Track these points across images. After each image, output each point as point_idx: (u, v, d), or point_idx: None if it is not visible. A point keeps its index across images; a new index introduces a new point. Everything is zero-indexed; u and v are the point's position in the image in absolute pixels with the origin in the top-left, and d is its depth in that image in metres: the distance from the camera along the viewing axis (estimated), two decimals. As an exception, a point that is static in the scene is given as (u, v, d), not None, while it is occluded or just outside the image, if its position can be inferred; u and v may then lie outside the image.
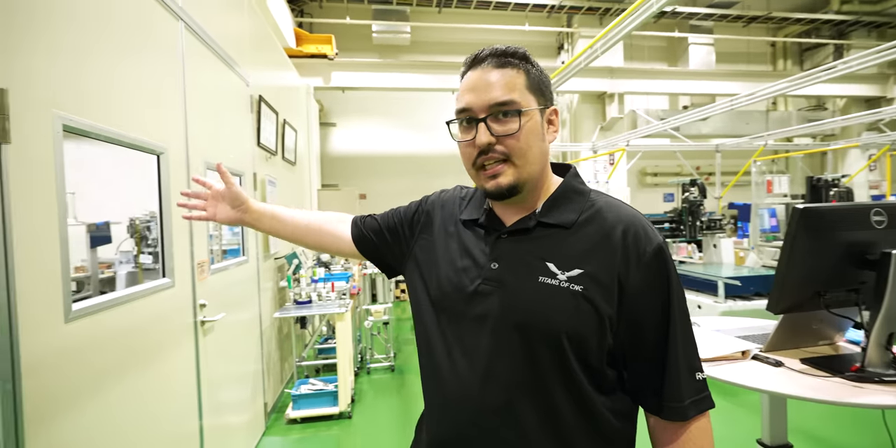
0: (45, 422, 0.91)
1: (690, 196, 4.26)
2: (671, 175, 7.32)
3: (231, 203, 0.83)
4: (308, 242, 0.86)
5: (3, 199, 0.85)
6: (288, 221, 0.85)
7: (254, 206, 0.84)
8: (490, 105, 0.60)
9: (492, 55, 0.62)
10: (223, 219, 0.84)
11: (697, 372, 0.62)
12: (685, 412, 0.60)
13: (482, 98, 0.60)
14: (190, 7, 1.67)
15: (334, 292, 2.94)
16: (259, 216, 0.84)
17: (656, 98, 7.24)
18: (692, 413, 0.60)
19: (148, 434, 1.29)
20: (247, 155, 2.40)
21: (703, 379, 0.62)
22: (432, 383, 0.67)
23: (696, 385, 0.61)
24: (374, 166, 6.77)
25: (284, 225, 0.85)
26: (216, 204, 0.84)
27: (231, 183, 0.83)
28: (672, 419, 0.61)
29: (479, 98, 0.60)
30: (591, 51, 2.80)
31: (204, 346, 1.69)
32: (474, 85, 0.62)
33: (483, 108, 0.61)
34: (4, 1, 0.86)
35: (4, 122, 0.86)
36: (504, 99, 0.60)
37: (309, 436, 2.41)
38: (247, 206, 0.83)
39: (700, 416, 0.61)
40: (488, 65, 0.62)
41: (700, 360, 0.63)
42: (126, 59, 1.27)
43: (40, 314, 0.92)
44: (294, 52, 5.12)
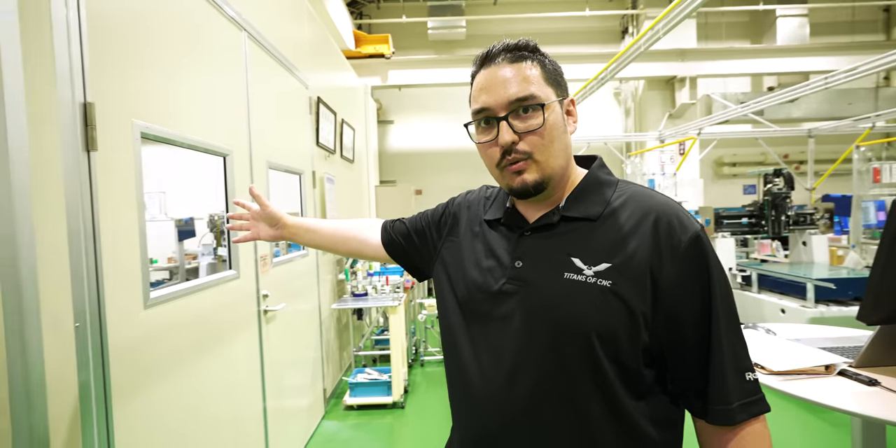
0: (129, 398, 1.03)
1: (774, 187, 3.84)
2: (753, 164, 6.63)
3: (268, 222, 0.92)
4: (341, 250, 0.93)
5: (92, 199, 0.96)
6: (322, 233, 0.91)
7: (289, 222, 0.91)
8: (510, 102, 0.58)
9: (504, 50, 0.60)
10: (265, 237, 0.93)
11: (747, 372, 0.56)
12: (732, 416, 0.55)
13: (500, 95, 0.58)
14: (252, 18, 1.78)
15: (388, 286, 3.03)
16: (296, 230, 0.91)
17: (735, 80, 6.58)
18: (741, 417, 0.55)
19: (217, 412, 1.42)
20: (306, 154, 2.53)
21: (755, 380, 0.57)
22: (459, 385, 0.66)
23: (746, 386, 0.56)
24: (430, 162, 6.86)
25: (320, 236, 0.91)
26: (257, 224, 0.93)
27: (265, 205, 0.90)
28: (718, 423, 0.56)
29: (497, 96, 0.59)
30: (652, 32, 2.58)
31: (267, 334, 1.82)
32: (490, 83, 0.60)
33: (502, 106, 0.59)
34: (93, 25, 0.97)
35: (92, 132, 0.97)
36: (524, 94, 0.58)
37: (364, 422, 2.52)
38: (283, 223, 0.91)
39: (753, 420, 0.56)
40: (502, 61, 0.60)
41: (750, 360, 0.58)
42: (195, 69, 1.39)
43: (123, 302, 1.04)
44: (353, 54, 5.31)
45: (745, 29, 6.71)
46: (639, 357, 0.57)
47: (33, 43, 0.85)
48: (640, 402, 0.58)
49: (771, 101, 4.11)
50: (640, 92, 6.57)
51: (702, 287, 0.56)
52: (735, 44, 6.35)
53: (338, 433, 2.41)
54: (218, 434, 1.42)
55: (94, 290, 0.95)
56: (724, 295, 0.57)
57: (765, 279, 3.58)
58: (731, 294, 0.58)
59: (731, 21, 6.59)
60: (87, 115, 0.96)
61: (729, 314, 0.57)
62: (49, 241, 0.86)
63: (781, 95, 3.97)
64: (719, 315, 0.56)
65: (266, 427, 1.78)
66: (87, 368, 0.92)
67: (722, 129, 5.69)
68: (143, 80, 1.14)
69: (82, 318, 0.92)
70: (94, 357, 0.94)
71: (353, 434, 2.40)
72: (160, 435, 1.14)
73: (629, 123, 6.78)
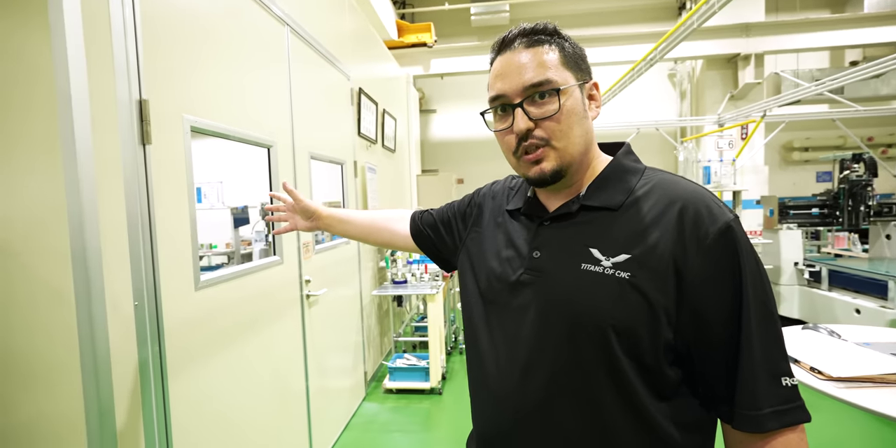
0: (182, 373, 1.13)
1: (852, 174, 3.47)
2: (830, 149, 6.01)
3: (303, 215, 0.97)
4: (372, 241, 0.96)
5: (148, 189, 1.05)
6: (355, 223, 0.95)
7: (324, 214, 0.96)
8: (524, 87, 0.57)
9: (520, 35, 0.59)
10: (302, 228, 0.98)
11: (783, 377, 0.52)
12: (761, 423, 0.51)
13: (515, 81, 0.57)
14: (294, 12, 1.83)
15: (427, 274, 3.07)
16: (330, 222, 0.96)
17: (810, 56, 5.94)
18: (772, 425, 0.51)
19: (262, 389, 1.52)
20: (347, 144, 2.60)
21: (792, 386, 0.52)
22: (477, 377, 0.66)
23: (780, 392, 0.51)
24: (471, 150, 6.81)
25: (353, 227, 0.95)
26: (293, 215, 0.98)
27: (299, 199, 0.96)
28: (744, 429, 0.52)
29: (512, 82, 0.57)
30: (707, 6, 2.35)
31: (309, 317, 1.92)
32: (505, 69, 0.58)
33: (517, 93, 0.57)
34: (146, 26, 1.04)
35: (147, 127, 1.05)
36: (539, 79, 0.56)
37: (402, 406, 2.60)
38: (318, 214, 0.96)
39: (787, 430, 0.51)
40: (518, 46, 0.58)
41: (788, 364, 0.53)
42: (239, 64, 1.45)
43: (176, 284, 1.12)
44: (395, 43, 5.33)
45: (824, -3, 6.02)
46: (660, 354, 0.54)
47: (95, 46, 0.92)
48: (664, 403, 0.55)
49: (853, 76, 3.66)
50: (698, 72, 6.11)
51: (732, 282, 0.52)
52: (812, 14, 5.72)
53: (378, 415, 2.51)
54: (263, 409, 1.53)
55: (150, 272, 1.04)
56: (759, 291, 0.53)
57: (837, 276, 3.27)
58: (767, 291, 0.53)
59: (808, -11, 5.94)
60: (143, 112, 1.04)
61: (763, 313, 0.52)
62: (110, 228, 0.95)
63: (866, 70, 3.53)
64: (751, 313, 0.52)
65: (308, 405, 1.88)
66: (146, 345, 1.02)
67: (792, 110, 5.19)
68: (191, 76, 1.21)
69: (140, 298, 1.01)
70: (150, 334, 1.03)
71: (392, 417, 2.49)
72: (211, 408, 1.24)
73: (684, 107, 6.34)
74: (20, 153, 0.91)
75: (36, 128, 0.90)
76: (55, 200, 0.89)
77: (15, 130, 0.91)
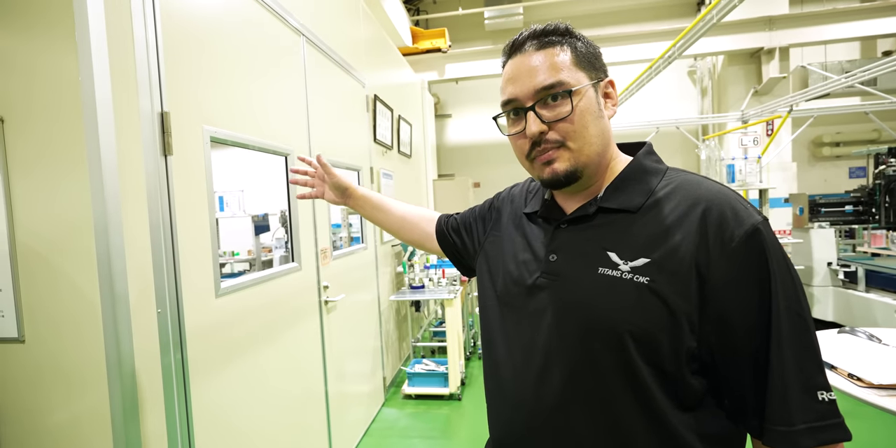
0: (204, 378, 1.15)
1: (889, 169, 3.31)
2: (862, 144, 5.76)
3: (336, 190, 0.94)
4: (402, 236, 0.94)
5: (170, 199, 1.07)
6: (389, 214, 0.93)
7: (358, 192, 0.94)
8: (536, 91, 0.56)
9: (531, 37, 0.58)
10: (329, 199, 0.96)
11: (820, 391, 0.49)
12: (795, 440, 0.48)
13: (526, 85, 0.56)
14: (309, 22, 1.87)
15: (445, 278, 3.06)
16: (363, 203, 0.94)
17: (839, 48, 5.72)
18: (807, 442, 0.48)
19: (281, 394, 1.54)
20: (363, 150, 2.62)
21: (831, 401, 0.49)
22: (493, 381, 0.65)
23: (816, 407, 0.48)
24: (487, 155, 6.79)
25: (386, 217, 0.93)
26: (323, 184, 0.96)
27: (332, 173, 0.93)
28: (777, 447, 0.49)
29: (524, 85, 0.57)
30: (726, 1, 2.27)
31: (328, 323, 1.93)
32: (516, 73, 0.58)
33: (529, 96, 0.57)
34: (167, 40, 1.08)
35: (168, 139, 1.08)
36: (550, 82, 0.55)
37: (422, 412, 2.59)
38: (351, 192, 0.94)
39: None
40: (529, 48, 0.57)
41: (825, 377, 0.50)
42: (257, 75, 1.48)
43: (198, 291, 1.15)
44: (410, 50, 5.38)
45: (852, -13, 5.80)
46: (682, 362, 0.52)
47: (119, 60, 0.95)
48: (687, 414, 0.52)
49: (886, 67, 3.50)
50: (719, 68, 5.95)
51: (759, 288, 0.50)
52: (839, 4, 5.52)
53: (397, 421, 2.50)
54: (284, 415, 1.54)
55: (172, 279, 1.06)
56: (790, 298, 0.50)
57: (875, 276, 3.12)
58: (800, 298, 0.51)
59: (833, -21, 5.73)
60: (164, 123, 1.07)
61: (795, 321, 0.50)
62: (134, 237, 0.97)
63: None
64: (782, 321, 0.49)
65: (328, 410, 1.89)
66: (168, 351, 1.04)
67: (820, 104, 5.00)
68: (209, 87, 1.25)
69: (163, 305, 1.03)
70: (173, 341, 1.05)
71: (412, 422, 2.48)
72: (232, 413, 1.26)
73: (706, 104, 6.19)
74: (46, 165, 0.95)
75: (61, 141, 0.94)
76: (81, 211, 0.92)
77: (42, 143, 0.95)
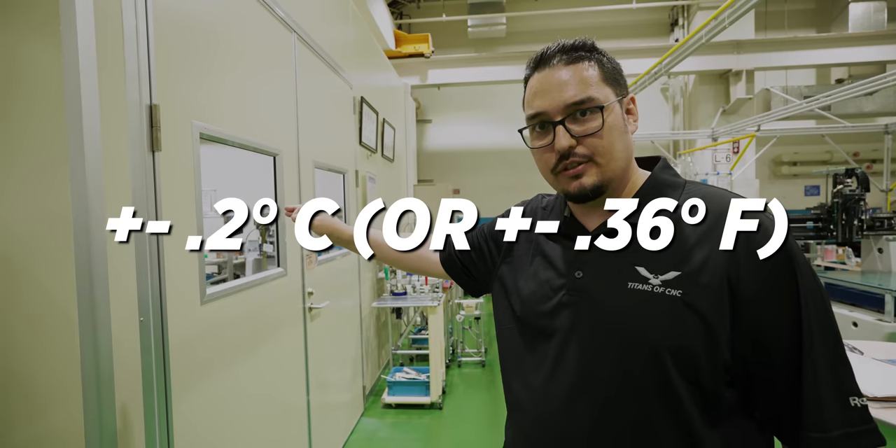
0: (186, 388, 1.07)
1: (846, 189, 3.53)
2: (817, 164, 6.15)
3: None
4: (404, 268, 0.91)
5: (156, 198, 1.00)
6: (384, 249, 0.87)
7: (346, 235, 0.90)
8: (566, 105, 0.55)
9: (560, 51, 0.58)
10: None
11: (852, 397, 0.50)
12: (832, 446, 0.49)
13: (556, 99, 0.56)
14: (301, 19, 1.81)
15: (427, 285, 3.03)
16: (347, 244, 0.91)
17: (798, 73, 6.12)
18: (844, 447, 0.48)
19: (263, 404, 1.45)
20: (349, 153, 2.56)
21: (863, 406, 0.50)
22: (517, 408, 0.63)
23: (850, 413, 0.49)
24: (468, 161, 6.83)
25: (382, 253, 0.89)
26: None
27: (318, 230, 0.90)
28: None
29: (553, 100, 0.56)
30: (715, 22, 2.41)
31: (311, 331, 1.86)
32: (545, 86, 0.57)
33: (559, 110, 0.56)
34: (159, 32, 1.01)
35: (157, 133, 1.01)
36: (581, 97, 0.55)
37: (402, 421, 2.53)
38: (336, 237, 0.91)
39: None
40: (558, 63, 0.57)
41: (855, 382, 0.51)
42: (248, 71, 1.42)
43: (182, 298, 1.07)
44: (393, 53, 5.35)
45: (810, 16, 6.23)
46: (720, 377, 0.52)
47: (107, 50, 0.88)
48: (717, 430, 0.52)
49: (842, 94, 3.77)
50: (691, 87, 6.24)
51: (790, 298, 0.50)
52: (799, 33, 5.90)
53: (377, 431, 2.43)
54: (265, 426, 1.46)
55: (156, 285, 0.98)
56: (820, 307, 0.51)
57: (832, 289, 3.30)
58: (828, 308, 0.51)
59: (794, 9, 6.14)
60: (153, 117, 1.00)
61: (826, 329, 0.51)
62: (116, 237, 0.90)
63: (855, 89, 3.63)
64: (813, 329, 0.50)
65: (309, 421, 1.81)
66: (150, 360, 0.96)
67: (782, 125, 5.31)
68: (201, 82, 1.18)
69: (146, 313, 0.95)
70: (155, 350, 0.97)
71: (392, 433, 2.41)
72: (213, 425, 1.18)
73: (677, 121, 6.46)
74: (22, 160, 0.86)
75: (38, 134, 0.85)
76: (56, 209, 0.84)
77: (16, 137, 0.86)
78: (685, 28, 6.18)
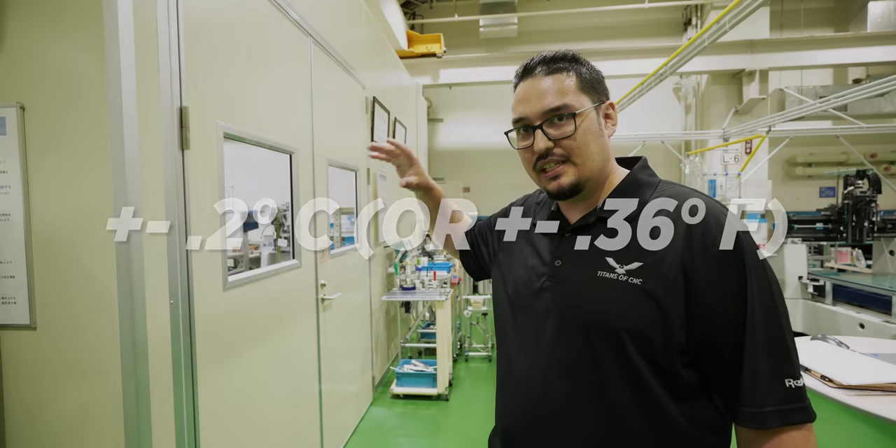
0: (210, 369, 1.16)
1: (856, 190, 3.51)
2: (833, 165, 6.05)
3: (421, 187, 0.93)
4: (451, 234, 0.95)
5: (185, 193, 1.09)
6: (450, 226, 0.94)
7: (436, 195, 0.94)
8: (544, 112, 0.63)
9: (542, 63, 0.65)
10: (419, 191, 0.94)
11: (788, 379, 0.55)
12: (762, 420, 0.55)
13: (536, 106, 0.64)
14: (316, 23, 1.90)
15: (436, 281, 3.10)
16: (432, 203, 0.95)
17: (813, 73, 6.02)
18: (773, 422, 0.54)
19: (279, 389, 1.55)
20: (361, 152, 2.65)
21: (798, 388, 0.55)
22: (505, 376, 0.72)
23: (784, 393, 0.55)
24: (478, 160, 6.87)
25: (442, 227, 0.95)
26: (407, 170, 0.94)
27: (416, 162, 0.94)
28: (746, 426, 0.56)
29: (533, 106, 0.64)
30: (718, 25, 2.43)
31: (323, 321, 1.95)
32: (527, 95, 0.65)
33: (537, 116, 0.64)
34: (189, 37, 1.10)
35: (186, 133, 1.10)
36: (556, 104, 0.62)
37: (410, 411, 2.62)
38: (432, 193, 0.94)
39: (790, 428, 0.54)
40: (539, 73, 0.65)
41: (797, 368, 0.56)
42: (268, 73, 1.51)
43: (207, 283, 1.16)
44: (405, 53, 5.43)
45: (827, 15, 6.13)
46: (673, 356, 0.58)
47: (144, 57, 0.97)
48: (682, 404, 0.58)
49: (857, 94, 3.72)
50: (703, 87, 6.19)
51: (738, 288, 0.56)
52: (815, 33, 5.82)
53: (385, 420, 2.52)
54: (279, 411, 1.55)
55: (185, 272, 1.08)
56: (766, 296, 0.56)
57: (841, 290, 3.29)
58: (776, 298, 0.57)
59: (811, 7, 6.04)
60: (183, 118, 1.09)
61: (770, 316, 0.56)
62: (151, 229, 0.99)
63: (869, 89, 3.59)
64: (756, 316, 0.55)
65: (321, 407, 1.90)
66: (178, 340, 1.05)
67: (796, 126, 5.25)
68: (224, 84, 1.27)
69: (175, 296, 1.05)
70: (183, 331, 1.07)
71: (400, 422, 2.50)
72: (234, 403, 1.27)
73: (689, 120, 6.42)
74: (65, 155, 0.96)
75: (80, 131, 0.95)
76: (99, 201, 0.93)
77: (61, 133, 0.96)
78: (698, 28, 6.13)
